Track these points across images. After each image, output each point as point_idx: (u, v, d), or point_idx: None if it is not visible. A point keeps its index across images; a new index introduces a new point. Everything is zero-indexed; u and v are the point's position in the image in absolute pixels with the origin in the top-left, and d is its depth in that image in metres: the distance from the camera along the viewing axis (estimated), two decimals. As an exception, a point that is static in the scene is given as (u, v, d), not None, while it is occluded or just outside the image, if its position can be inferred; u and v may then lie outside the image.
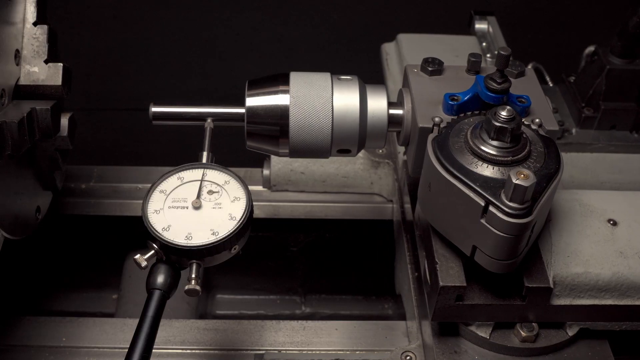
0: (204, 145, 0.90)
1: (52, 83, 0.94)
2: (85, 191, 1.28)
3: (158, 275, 0.78)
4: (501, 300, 0.86)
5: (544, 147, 0.81)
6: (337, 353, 1.02)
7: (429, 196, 0.84)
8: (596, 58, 1.22)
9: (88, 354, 1.02)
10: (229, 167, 0.87)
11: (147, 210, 0.81)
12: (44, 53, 0.94)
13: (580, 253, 0.88)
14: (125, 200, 1.27)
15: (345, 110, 0.89)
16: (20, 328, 1.05)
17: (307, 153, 0.92)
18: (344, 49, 2.18)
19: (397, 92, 0.97)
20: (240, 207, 0.82)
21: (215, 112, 0.92)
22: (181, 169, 0.86)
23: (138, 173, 1.32)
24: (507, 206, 0.73)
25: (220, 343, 1.03)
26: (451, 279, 0.84)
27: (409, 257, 1.07)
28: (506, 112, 0.77)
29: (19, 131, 0.86)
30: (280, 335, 1.04)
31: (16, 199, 0.97)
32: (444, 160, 0.79)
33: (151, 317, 0.76)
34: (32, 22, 0.94)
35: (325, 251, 1.40)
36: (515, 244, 0.76)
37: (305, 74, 0.92)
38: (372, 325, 1.08)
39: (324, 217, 1.29)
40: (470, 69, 0.94)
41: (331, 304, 1.47)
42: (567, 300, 0.88)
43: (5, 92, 0.89)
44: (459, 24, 1.47)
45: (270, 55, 2.19)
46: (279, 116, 0.89)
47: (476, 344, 0.91)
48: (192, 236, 0.79)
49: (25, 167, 0.99)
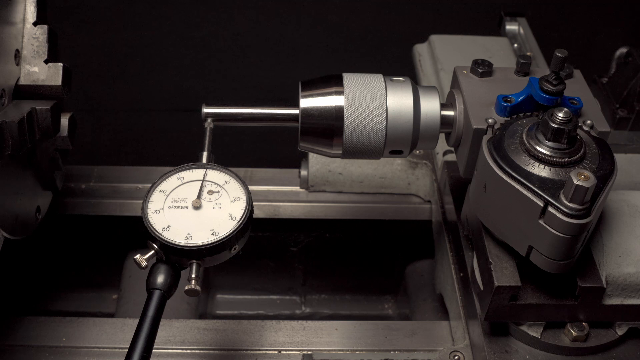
0: (204, 145, 0.89)
1: (52, 83, 0.94)
2: (85, 191, 1.28)
3: (158, 275, 0.78)
4: (554, 300, 0.87)
5: (597, 149, 0.82)
6: (337, 353, 1.03)
7: (484, 197, 0.84)
8: (630, 59, 1.23)
9: (88, 354, 1.02)
10: (229, 167, 0.87)
11: (147, 210, 0.81)
12: (44, 53, 0.94)
13: (632, 253, 0.89)
14: (125, 200, 1.27)
15: (399, 112, 0.90)
16: (20, 328, 1.05)
17: (360, 154, 0.92)
18: (343, 48, 2.18)
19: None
20: (240, 207, 0.82)
21: (269, 112, 0.93)
22: (181, 169, 0.86)
23: (138, 173, 1.32)
24: (566, 207, 0.73)
25: (220, 343, 1.03)
26: (506, 279, 0.85)
27: (452, 257, 1.08)
28: (563, 113, 0.78)
29: (19, 131, 0.86)
30: (280, 335, 1.04)
31: (16, 199, 0.97)
32: (501, 161, 0.80)
33: (151, 317, 0.76)
34: (32, 22, 0.94)
35: (325, 251, 1.40)
36: (572, 245, 0.77)
37: (358, 75, 0.92)
38: (372, 325, 1.08)
39: (359, 217, 1.30)
40: (520, 71, 0.94)
41: (331, 304, 1.47)
42: (618, 300, 0.88)
43: (5, 92, 0.89)
44: (484, 25, 1.47)
45: (270, 55, 2.19)
46: (333, 117, 0.89)
47: (527, 343, 0.91)
48: (192, 236, 0.79)
49: (25, 167, 0.99)
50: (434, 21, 2.14)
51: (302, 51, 2.20)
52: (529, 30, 1.39)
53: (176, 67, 2.19)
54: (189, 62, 2.20)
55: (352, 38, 2.17)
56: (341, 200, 1.30)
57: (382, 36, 1.37)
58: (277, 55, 2.20)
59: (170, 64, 2.19)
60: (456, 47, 1.32)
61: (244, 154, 0.93)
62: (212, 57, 2.20)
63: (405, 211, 1.29)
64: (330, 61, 2.18)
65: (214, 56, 2.20)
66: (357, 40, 2.14)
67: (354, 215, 1.29)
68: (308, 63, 2.18)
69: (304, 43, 2.20)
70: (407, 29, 1.41)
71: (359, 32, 2.14)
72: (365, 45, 2.12)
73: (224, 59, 2.19)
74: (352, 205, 1.29)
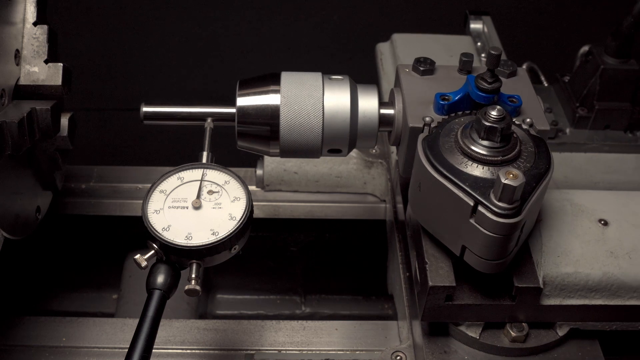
0: (204, 145, 0.90)
1: (52, 83, 0.94)
2: (85, 191, 1.28)
3: (158, 275, 0.78)
4: (491, 300, 0.86)
5: (534, 147, 0.81)
6: (337, 353, 1.03)
7: (419, 196, 0.84)
8: (590, 58, 1.22)
9: (88, 354, 1.02)
10: (229, 167, 0.87)
11: (147, 210, 0.81)
12: (44, 53, 0.94)
13: (571, 253, 0.88)
14: (125, 200, 1.27)
15: (335, 110, 0.89)
16: (20, 328, 1.05)
17: (297, 153, 0.92)
18: (344, 49, 2.18)
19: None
20: (240, 207, 0.82)
21: (207, 112, 0.92)
22: (181, 169, 0.86)
23: (138, 173, 1.32)
24: (496, 206, 0.73)
25: (220, 343, 1.03)
26: (440, 279, 0.84)
27: (400, 257, 1.07)
28: (496, 111, 0.77)
29: (19, 131, 0.86)
30: (280, 335, 1.04)
31: (16, 199, 0.97)
32: (434, 160, 0.79)
33: (151, 317, 0.76)
34: (32, 22, 0.94)
35: (325, 251, 1.40)
36: (504, 244, 0.76)
37: (297, 73, 0.91)
38: (372, 325, 1.08)
39: (319, 217, 1.29)
40: (462, 69, 0.94)
41: (331, 304, 1.47)
42: (557, 300, 0.87)
43: (5, 92, 0.89)
44: (457, 23, 1.46)
45: (270, 55, 2.19)
46: (269, 116, 0.89)
47: (466, 344, 0.90)
48: (192, 236, 0.79)
49: (25, 167, 0.99)
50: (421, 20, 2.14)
51: (302, 51, 2.20)
52: (493, 29, 1.38)
53: (176, 67, 2.19)
54: (189, 62, 2.20)
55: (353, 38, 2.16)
56: (299, 200, 1.30)
57: (385, 37, 1.38)
58: (277, 55, 2.19)
59: (170, 64, 2.19)
60: (418, 46, 1.30)
61: (244, 154, 0.93)
62: (213, 57, 2.20)
63: (362, 210, 1.29)
64: (331, 61, 2.18)
65: (214, 56, 2.20)
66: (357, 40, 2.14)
67: (314, 215, 1.29)
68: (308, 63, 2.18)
69: (304, 43, 2.20)
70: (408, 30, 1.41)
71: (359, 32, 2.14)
72: (366, 45, 2.11)
73: (224, 59, 2.19)
74: (309, 204, 1.29)
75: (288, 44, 2.20)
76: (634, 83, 1.21)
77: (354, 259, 1.43)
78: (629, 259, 0.87)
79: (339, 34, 2.20)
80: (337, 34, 2.20)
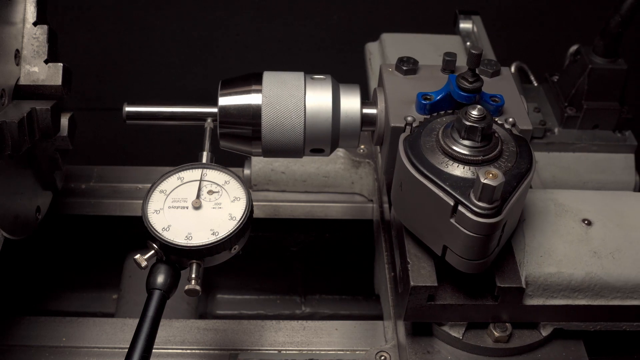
0: (204, 145, 0.90)
1: (52, 83, 0.94)
2: (85, 191, 1.28)
3: (158, 275, 0.78)
4: (473, 301, 0.86)
5: (516, 147, 0.81)
6: (337, 353, 1.03)
7: (401, 196, 0.83)
8: (579, 57, 1.22)
9: (88, 354, 1.02)
10: (229, 167, 0.87)
11: (147, 210, 0.81)
12: (44, 53, 0.94)
13: (554, 253, 0.87)
14: (125, 200, 1.27)
15: (317, 110, 0.89)
16: (20, 328, 1.05)
17: (280, 153, 0.91)
18: (344, 49, 2.18)
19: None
20: (240, 207, 0.82)
21: (189, 111, 0.92)
22: (181, 169, 0.86)
23: (138, 173, 1.32)
24: (475, 206, 0.72)
25: (220, 343, 1.03)
26: (422, 279, 0.83)
27: (386, 256, 1.07)
28: (477, 111, 0.77)
29: (19, 131, 0.86)
30: (280, 335, 1.04)
31: (16, 199, 0.97)
32: (415, 159, 0.78)
33: (151, 317, 0.76)
34: (32, 22, 0.94)
35: (325, 251, 1.40)
36: (485, 244, 0.76)
37: (279, 73, 0.91)
38: (372, 325, 1.08)
39: (319, 217, 1.29)
40: (445, 69, 0.93)
41: (331, 304, 1.47)
42: (540, 301, 0.87)
43: (5, 92, 0.89)
44: (448, 23, 1.46)
45: (270, 55, 2.19)
46: (251, 116, 0.88)
47: (449, 344, 0.90)
48: (192, 236, 0.79)
49: (25, 167, 0.99)
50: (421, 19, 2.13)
51: (302, 51, 2.20)
52: (483, 29, 1.37)
53: (176, 67, 2.19)
54: (189, 62, 2.20)
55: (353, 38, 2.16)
56: (287, 200, 1.30)
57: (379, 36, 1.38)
58: (277, 55, 2.19)
59: (170, 64, 2.19)
60: (407, 46, 1.29)
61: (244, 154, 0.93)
62: (213, 57, 2.20)
63: (350, 210, 1.29)
64: (331, 61, 2.18)
65: (215, 56, 2.20)
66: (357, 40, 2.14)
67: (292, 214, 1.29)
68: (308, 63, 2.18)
69: (304, 43, 2.20)
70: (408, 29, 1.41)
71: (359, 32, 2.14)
72: (364, 45, 2.11)
73: (224, 59, 2.19)
74: (297, 204, 1.29)
75: (288, 44, 2.20)
76: (622, 83, 1.20)
77: (354, 259, 1.43)
78: (612, 259, 0.87)
79: (339, 34, 2.20)
80: (337, 34, 2.20)
